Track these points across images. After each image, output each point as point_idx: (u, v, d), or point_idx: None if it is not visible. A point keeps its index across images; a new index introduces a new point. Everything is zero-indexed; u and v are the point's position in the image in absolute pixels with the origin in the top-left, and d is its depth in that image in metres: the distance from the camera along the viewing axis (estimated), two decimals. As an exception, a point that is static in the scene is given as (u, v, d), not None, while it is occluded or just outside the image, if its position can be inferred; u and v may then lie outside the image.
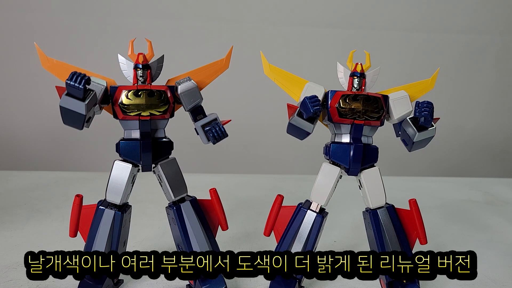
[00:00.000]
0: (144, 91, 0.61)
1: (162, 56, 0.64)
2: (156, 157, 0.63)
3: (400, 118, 0.65)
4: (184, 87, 0.63)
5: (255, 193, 1.28)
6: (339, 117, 0.63)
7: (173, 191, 0.65)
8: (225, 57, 0.67)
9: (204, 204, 0.68)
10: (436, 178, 1.62)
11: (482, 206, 1.27)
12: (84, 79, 0.55)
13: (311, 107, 0.60)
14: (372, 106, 0.63)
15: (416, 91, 0.67)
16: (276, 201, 0.68)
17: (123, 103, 0.60)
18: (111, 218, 0.62)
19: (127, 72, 0.63)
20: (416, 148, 0.64)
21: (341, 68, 0.67)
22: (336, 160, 0.65)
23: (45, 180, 1.35)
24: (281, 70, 0.67)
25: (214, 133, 0.63)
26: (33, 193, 1.22)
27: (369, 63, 0.66)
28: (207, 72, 0.66)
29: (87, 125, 0.59)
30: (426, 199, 1.28)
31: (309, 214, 0.65)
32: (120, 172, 0.62)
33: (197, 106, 0.65)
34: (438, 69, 0.68)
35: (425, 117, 0.60)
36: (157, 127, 0.64)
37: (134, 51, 0.63)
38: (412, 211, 0.65)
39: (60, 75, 0.61)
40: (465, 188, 1.45)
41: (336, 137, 0.66)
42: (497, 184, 1.51)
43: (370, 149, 0.65)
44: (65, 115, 0.57)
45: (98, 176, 1.36)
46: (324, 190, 0.66)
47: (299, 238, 0.66)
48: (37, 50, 0.62)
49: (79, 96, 0.56)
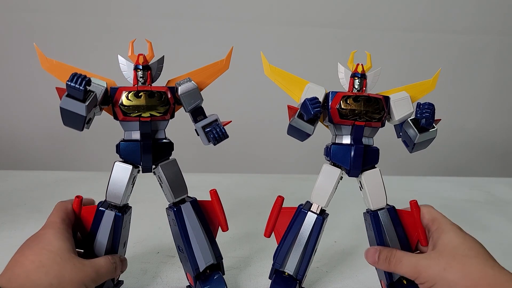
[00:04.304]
0: (145, 92, 0.60)
1: (163, 57, 0.64)
2: (156, 158, 0.63)
3: (401, 119, 0.64)
4: (184, 88, 0.63)
5: (255, 193, 1.28)
6: (340, 118, 0.63)
7: (173, 192, 0.65)
8: (225, 57, 0.66)
9: (204, 205, 0.68)
10: (436, 177, 1.62)
11: (483, 206, 1.27)
12: (84, 80, 0.55)
13: (312, 108, 0.59)
14: (373, 107, 0.63)
15: (417, 92, 0.66)
16: (277, 203, 0.68)
17: (123, 104, 0.60)
18: (112, 219, 0.62)
19: (127, 73, 0.63)
20: (417, 150, 0.64)
21: (342, 68, 0.67)
22: (336, 161, 0.65)
23: (45, 180, 1.35)
24: (282, 71, 0.67)
25: (215, 134, 0.63)
26: (33, 193, 1.21)
27: (370, 63, 0.66)
28: (207, 72, 0.66)
29: (87, 127, 0.59)
30: (427, 199, 1.28)
31: (309, 215, 0.65)
32: (121, 173, 0.62)
33: (197, 107, 0.65)
34: (439, 69, 0.68)
35: (426, 118, 0.60)
36: (157, 128, 0.64)
37: (134, 52, 0.63)
38: (413, 212, 0.65)
39: (60, 75, 0.61)
40: (466, 188, 1.45)
41: (337, 138, 0.66)
42: (497, 184, 1.51)
43: (371, 150, 0.65)
44: (65, 116, 0.57)
45: (98, 176, 1.36)
46: (325, 192, 0.65)
47: (299, 240, 0.66)
48: (36, 50, 0.62)
49: (79, 97, 0.55)
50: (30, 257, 0.51)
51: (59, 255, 0.52)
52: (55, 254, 0.52)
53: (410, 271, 0.57)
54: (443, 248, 0.56)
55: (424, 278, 0.55)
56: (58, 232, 0.55)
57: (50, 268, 0.50)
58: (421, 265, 0.56)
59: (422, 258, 0.57)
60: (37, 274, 0.49)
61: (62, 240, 0.54)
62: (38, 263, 0.50)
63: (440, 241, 0.58)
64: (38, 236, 0.56)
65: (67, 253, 0.53)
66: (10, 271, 0.50)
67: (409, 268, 0.57)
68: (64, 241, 0.54)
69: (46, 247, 0.53)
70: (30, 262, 0.50)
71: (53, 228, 0.56)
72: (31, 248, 0.53)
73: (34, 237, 0.56)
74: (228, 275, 0.75)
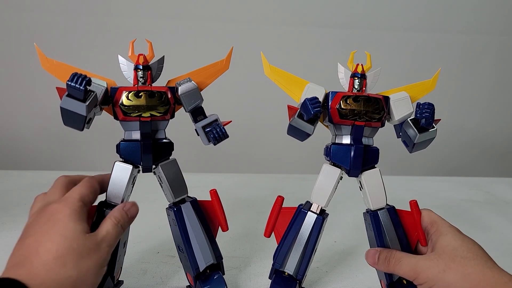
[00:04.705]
0: (145, 92, 0.60)
1: (163, 57, 0.64)
2: (156, 158, 0.63)
3: (401, 119, 0.64)
4: (184, 88, 0.63)
5: (255, 193, 1.28)
6: (340, 118, 0.63)
7: (173, 192, 0.65)
8: (225, 58, 0.66)
9: (205, 205, 0.68)
10: (436, 177, 1.62)
11: (483, 206, 1.27)
12: (85, 80, 0.55)
13: (312, 108, 0.59)
14: (373, 107, 0.63)
15: (417, 92, 0.66)
16: (277, 203, 0.68)
17: (123, 104, 0.60)
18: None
19: (127, 73, 0.63)
20: (417, 150, 0.64)
21: (342, 69, 0.67)
22: (336, 161, 0.65)
23: (45, 180, 1.33)
24: (282, 71, 0.67)
25: (215, 134, 0.63)
26: (33, 193, 1.20)
27: (370, 64, 0.66)
28: (207, 73, 0.66)
29: (87, 127, 0.59)
30: (427, 199, 1.28)
31: (309, 215, 0.65)
32: (121, 173, 0.62)
33: (197, 107, 0.65)
34: (439, 69, 0.68)
35: (426, 118, 0.60)
36: (157, 128, 0.64)
37: (134, 52, 0.63)
38: (413, 212, 0.65)
39: (60, 75, 0.61)
40: (466, 188, 1.45)
41: (337, 138, 0.66)
42: (497, 184, 1.51)
43: (370, 150, 0.65)
44: (65, 116, 0.57)
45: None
46: (325, 192, 0.65)
47: (299, 240, 0.66)
48: (36, 50, 0.62)
49: (80, 97, 0.55)
50: (46, 244, 0.49)
51: (75, 240, 0.50)
52: (71, 241, 0.50)
53: (409, 271, 0.57)
54: (442, 250, 0.57)
55: (423, 279, 0.55)
56: (73, 212, 0.52)
57: (67, 258, 0.48)
58: (420, 266, 0.56)
59: (422, 259, 0.57)
60: (55, 267, 0.47)
61: (77, 222, 0.52)
62: (55, 253, 0.48)
63: (439, 243, 0.58)
64: (52, 214, 0.52)
65: (82, 236, 0.51)
66: (28, 261, 0.48)
67: (408, 268, 0.57)
68: (79, 223, 0.52)
69: (62, 232, 0.50)
70: (46, 252, 0.48)
71: (68, 207, 0.53)
72: (46, 233, 0.50)
73: (48, 214, 0.53)
74: (228, 275, 0.75)
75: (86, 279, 0.49)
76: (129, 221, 0.59)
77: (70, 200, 0.54)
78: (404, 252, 0.61)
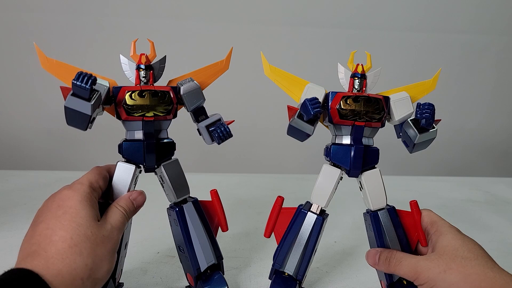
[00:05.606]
0: (148, 92, 0.60)
1: (165, 56, 0.64)
2: (159, 158, 0.63)
3: (401, 120, 0.64)
4: (187, 87, 0.63)
5: (255, 193, 1.28)
6: (340, 118, 0.63)
7: (176, 192, 0.65)
8: (225, 58, 0.67)
9: (205, 205, 0.68)
10: (436, 177, 1.62)
11: (483, 206, 1.27)
12: (90, 79, 0.54)
13: (312, 109, 0.59)
14: (373, 108, 0.63)
15: (417, 92, 0.66)
16: (277, 203, 0.68)
17: (127, 103, 0.60)
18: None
19: (129, 73, 0.63)
20: (417, 150, 0.64)
21: (342, 69, 0.67)
22: (336, 161, 0.65)
23: (45, 180, 1.35)
24: (282, 71, 0.67)
25: (219, 133, 0.63)
26: (33, 193, 1.22)
27: (370, 64, 0.66)
28: (208, 73, 0.66)
29: (90, 126, 0.59)
30: (427, 199, 1.28)
31: (309, 216, 0.65)
32: (123, 173, 0.62)
33: (199, 107, 0.65)
34: (439, 70, 0.68)
35: (426, 118, 0.60)
36: (160, 128, 0.64)
37: (136, 51, 0.63)
38: (413, 212, 0.65)
39: (60, 75, 0.61)
40: (466, 188, 1.45)
41: (337, 139, 0.66)
42: (497, 184, 1.51)
43: (370, 150, 0.65)
44: (69, 115, 0.56)
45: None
46: (325, 192, 0.65)
47: (299, 240, 0.66)
48: (36, 50, 0.62)
49: (85, 96, 0.55)
50: (60, 232, 0.48)
51: (89, 228, 0.50)
52: (85, 228, 0.49)
53: (410, 272, 0.57)
54: (443, 250, 0.56)
55: (424, 279, 0.55)
56: (84, 198, 0.52)
57: (82, 246, 0.48)
58: (421, 266, 0.56)
59: (422, 260, 0.57)
60: (71, 255, 0.47)
61: (88, 208, 0.51)
62: (70, 241, 0.47)
63: (439, 244, 0.58)
64: (63, 200, 0.52)
65: (95, 223, 0.51)
66: (42, 250, 0.47)
67: (409, 269, 0.57)
68: (90, 209, 0.52)
69: (75, 219, 0.49)
70: (61, 240, 0.47)
71: (79, 193, 0.53)
72: (59, 220, 0.49)
73: (58, 200, 0.52)
74: (228, 275, 0.75)
75: (102, 265, 0.49)
76: (135, 210, 0.60)
77: (80, 186, 0.54)
78: (404, 253, 0.61)
